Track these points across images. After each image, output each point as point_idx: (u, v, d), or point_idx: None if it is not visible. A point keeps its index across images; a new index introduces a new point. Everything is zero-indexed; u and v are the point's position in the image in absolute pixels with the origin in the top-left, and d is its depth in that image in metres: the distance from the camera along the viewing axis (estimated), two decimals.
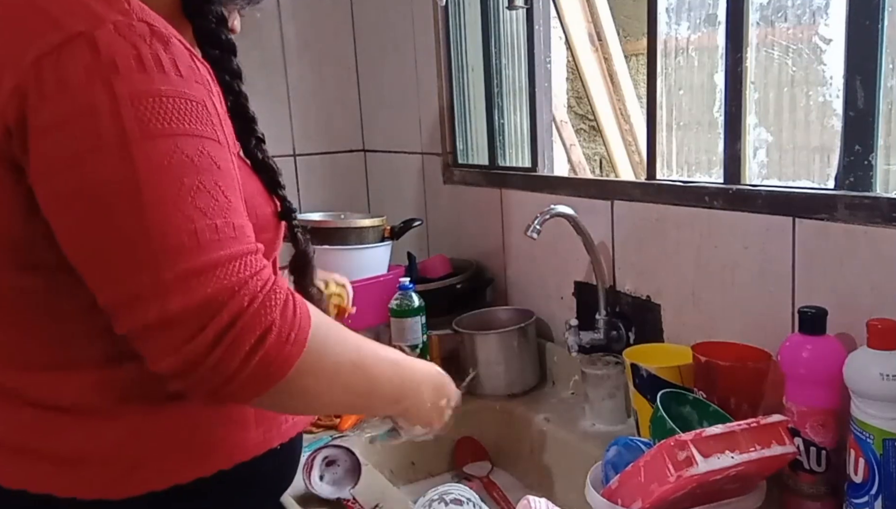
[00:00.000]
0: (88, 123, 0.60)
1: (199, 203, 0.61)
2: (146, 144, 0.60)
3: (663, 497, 0.81)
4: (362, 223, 1.68)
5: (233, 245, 0.63)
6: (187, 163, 0.62)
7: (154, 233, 0.60)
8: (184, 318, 0.60)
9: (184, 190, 0.61)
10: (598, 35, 2.41)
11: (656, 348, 1.22)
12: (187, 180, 0.61)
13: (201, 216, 0.61)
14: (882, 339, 0.83)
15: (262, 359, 0.62)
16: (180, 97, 0.63)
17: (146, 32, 0.63)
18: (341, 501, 1.07)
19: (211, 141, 0.64)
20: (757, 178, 1.13)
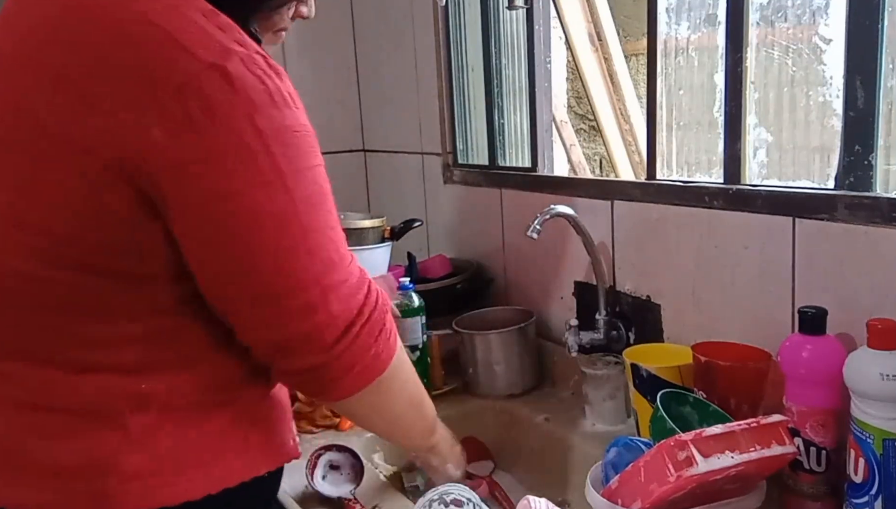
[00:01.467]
0: (247, 158, 0.65)
1: (332, 222, 0.73)
2: (295, 179, 0.68)
3: (663, 497, 0.81)
4: (362, 224, 1.68)
5: (353, 258, 0.75)
6: (322, 191, 0.72)
7: (315, 252, 0.70)
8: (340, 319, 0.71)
9: (324, 214, 0.71)
10: (598, 35, 2.42)
11: (656, 348, 1.22)
12: (324, 206, 0.72)
13: (337, 235, 0.73)
14: (882, 339, 0.83)
15: (376, 352, 0.75)
16: (303, 130, 0.70)
17: (265, 65, 0.68)
18: (342, 500, 1.07)
19: (322, 167, 0.73)
20: (757, 178, 1.13)
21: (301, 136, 0.69)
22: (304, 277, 0.69)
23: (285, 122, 0.67)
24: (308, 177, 0.70)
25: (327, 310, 0.70)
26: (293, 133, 0.68)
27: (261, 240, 0.68)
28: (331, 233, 0.72)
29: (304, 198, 0.69)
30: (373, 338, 0.74)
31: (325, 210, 0.72)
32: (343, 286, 0.72)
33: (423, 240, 1.94)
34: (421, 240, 1.94)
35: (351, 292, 0.73)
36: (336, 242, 0.72)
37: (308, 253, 0.69)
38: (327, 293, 0.70)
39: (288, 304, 0.70)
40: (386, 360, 0.77)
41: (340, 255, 0.72)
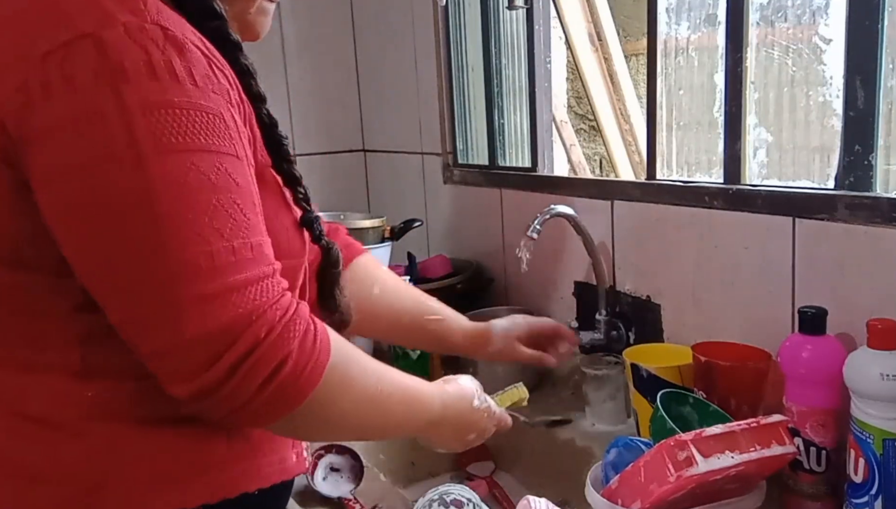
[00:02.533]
0: (98, 130, 0.57)
1: (216, 223, 0.59)
2: (160, 159, 0.58)
3: (663, 497, 0.81)
4: (362, 224, 1.68)
5: (251, 267, 0.61)
6: (203, 181, 0.59)
7: (169, 253, 0.58)
8: (199, 345, 0.58)
9: (200, 209, 0.59)
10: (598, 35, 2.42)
11: (656, 348, 1.22)
12: (203, 199, 0.59)
13: (218, 237, 0.59)
14: (882, 339, 0.83)
15: (276, 389, 0.61)
16: (195, 109, 0.60)
17: (159, 36, 0.59)
18: (342, 500, 1.07)
19: (229, 156, 0.62)
20: (757, 178, 1.13)
21: (188, 115, 0.59)
22: (147, 279, 0.58)
23: (166, 96, 0.58)
24: (182, 162, 0.58)
25: (176, 326, 0.58)
26: (175, 110, 0.58)
27: (105, 227, 0.58)
28: (207, 234, 0.58)
29: (168, 185, 0.57)
30: (261, 376, 0.60)
31: (205, 203, 0.59)
32: (208, 302, 0.58)
33: (423, 240, 1.94)
34: (421, 240, 1.94)
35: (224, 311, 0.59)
36: (213, 246, 0.59)
37: (159, 251, 0.57)
38: (178, 305, 0.58)
39: (129, 311, 0.60)
40: (294, 399, 0.63)
41: (216, 264, 0.59)
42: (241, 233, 0.61)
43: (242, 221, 0.61)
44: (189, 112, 0.59)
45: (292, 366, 0.62)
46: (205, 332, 0.58)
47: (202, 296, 0.58)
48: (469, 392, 0.92)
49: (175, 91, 0.59)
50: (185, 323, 0.58)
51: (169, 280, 0.58)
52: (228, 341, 0.59)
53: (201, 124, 0.60)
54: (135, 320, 0.60)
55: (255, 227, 0.63)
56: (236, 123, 0.64)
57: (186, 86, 0.59)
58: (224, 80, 0.64)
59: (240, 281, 0.60)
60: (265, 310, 0.61)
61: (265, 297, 0.61)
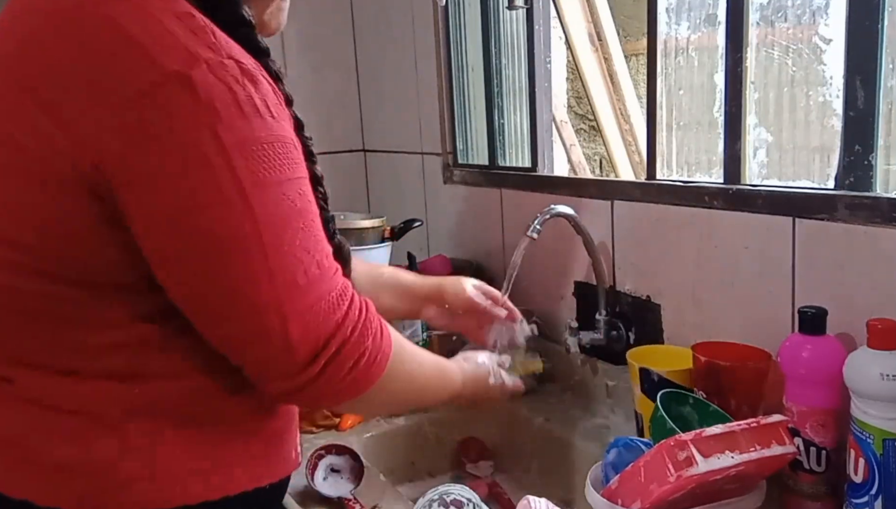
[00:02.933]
0: (205, 175, 0.62)
1: (306, 243, 0.67)
2: (259, 194, 0.63)
3: (663, 497, 0.81)
4: (362, 224, 1.68)
5: (333, 278, 0.70)
6: (293, 208, 0.66)
7: (275, 277, 0.65)
8: (302, 348, 0.67)
9: (293, 233, 0.66)
10: (598, 35, 2.42)
11: (657, 349, 1.21)
12: (294, 224, 0.66)
13: (308, 256, 0.67)
14: (882, 339, 0.83)
15: (353, 379, 0.71)
16: (277, 141, 0.65)
17: (237, 72, 0.63)
18: (342, 500, 1.07)
19: (303, 180, 0.69)
20: (757, 178, 1.13)
21: (273, 148, 0.65)
22: (260, 301, 0.65)
23: (254, 133, 0.63)
24: (276, 194, 0.65)
25: (285, 337, 0.66)
26: (263, 145, 0.64)
27: (217, 261, 0.64)
28: (300, 255, 0.66)
29: (269, 217, 0.64)
30: (345, 369, 0.70)
31: (295, 228, 0.66)
32: (308, 312, 0.67)
33: (423, 240, 1.94)
34: (421, 240, 1.94)
35: (319, 319, 0.67)
36: (305, 264, 0.67)
37: (268, 276, 0.65)
38: (287, 319, 0.66)
39: (242, 328, 0.67)
40: (365, 386, 0.73)
41: (309, 279, 0.67)
42: (320, 248, 0.69)
43: (320, 237, 0.70)
44: (273, 145, 0.65)
45: (367, 358, 0.71)
46: (307, 339, 0.67)
47: (304, 308, 0.67)
48: (484, 370, 1.03)
49: (260, 126, 0.64)
50: (291, 333, 0.66)
51: (278, 298, 0.65)
52: (324, 343, 0.68)
53: (283, 155, 0.66)
54: (243, 336, 0.67)
55: (325, 240, 0.71)
56: (298, 146, 0.69)
57: (267, 120, 0.65)
58: (283, 102, 0.69)
59: (327, 290, 0.69)
60: (347, 313, 0.70)
61: (346, 302, 0.70)
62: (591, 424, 1.31)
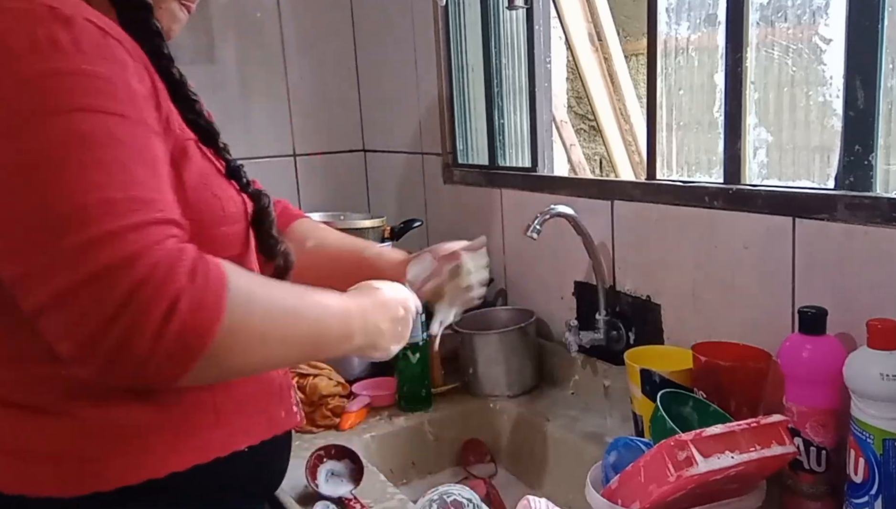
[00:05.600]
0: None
1: (95, 178, 0.60)
2: (40, 122, 0.60)
3: (663, 497, 0.81)
4: (362, 224, 1.68)
5: (130, 216, 0.60)
6: (83, 139, 0.60)
7: (45, 209, 0.58)
8: (74, 295, 0.57)
9: (77, 165, 0.59)
10: (598, 35, 2.42)
11: (654, 350, 1.22)
12: (82, 156, 0.60)
13: (95, 189, 0.59)
14: (882, 339, 0.83)
15: (175, 333, 0.58)
16: (78, 73, 0.62)
17: (45, 15, 0.63)
18: (342, 500, 1.07)
19: (115, 116, 0.63)
20: (757, 178, 1.13)
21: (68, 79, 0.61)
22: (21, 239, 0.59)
23: (46, 64, 0.61)
24: (62, 122, 0.60)
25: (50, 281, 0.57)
26: (55, 76, 0.61)
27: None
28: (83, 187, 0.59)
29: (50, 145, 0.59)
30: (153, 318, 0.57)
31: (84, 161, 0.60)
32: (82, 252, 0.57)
33: (423, 240, 1.94)
34: (421, 240, 1.94)
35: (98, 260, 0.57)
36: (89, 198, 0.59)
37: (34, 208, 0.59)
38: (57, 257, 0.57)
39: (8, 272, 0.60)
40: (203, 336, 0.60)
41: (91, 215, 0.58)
42: (123, 187, 0.60)
43: (125, 177, 0.61)
44: (71, 76, 0.62)
45: (187, 302, 0.59)
46: (78, 280, 0.57)
47: (75, 245, 0.57)
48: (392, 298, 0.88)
49: (58, 59, 0.62)
50: (58, 273, 0.57)
51: (44, 235, 0.58)
52: (105, 286, 0.57)
53: (85, 86, 0.62)
54: (16, 280, 0.60)
55: (141, 183, 0.62)
56: (131, 89, 0.66)
57: (70, 53, 0.62)
58: (121, 50, 0.67)
59: (117, 228, 0.58)
60: (143, 251, 0.59)
61: (146, 240, 0.59)
62: (592, 424, 1.31)
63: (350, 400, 1.40)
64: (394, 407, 1.42)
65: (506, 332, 1.44)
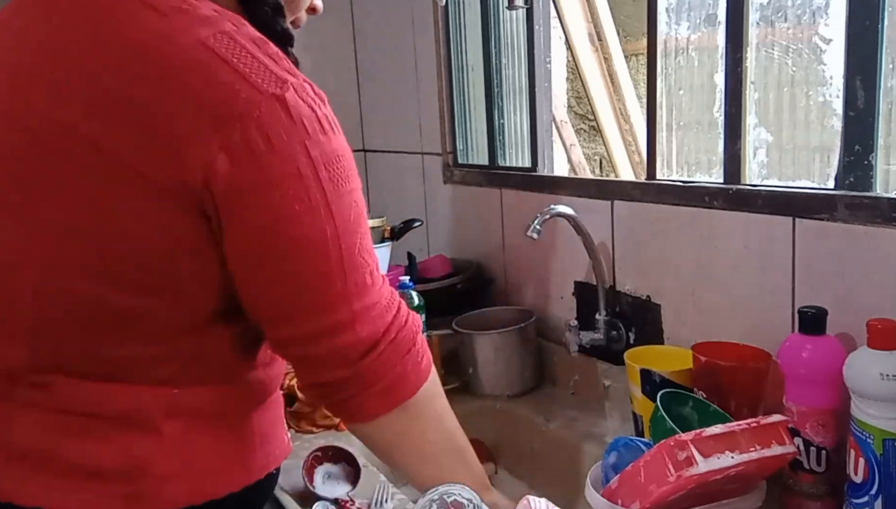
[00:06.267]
0: (299, 185, 0.68)
1: (367, 245, 0.75)
2: (338, 202, 0.70)
3: (663, 497, 0.81)
4: None
5: (385, 281, 0.78)
6: (359, 214, 0.74)
7: (349, 276, 0.72)
8: (366, 341, 0.75)
9: (359, 237, 0.73)
10: (598, 35, 2.42)
11: (654, 350, 1.21)
12: (361, 229, 0.74)
13: (371, 257, 0.75)
14: (882, 339, 0.83)
15: (401, 371, 0.77)
16: (345, 155, 0.72)
17: (313, 93, 0.71)
18: (339, 501, 1.07)
19: (359, 190, 0.75)
20: (757, 178, 1.13)
21: (343, 161, 0.72)
22: (337, 300, 0.72)
23: (331, 148, 0.70)
24: (348, 201, 0.72)
25: (354, 330, 0.74)
26: (337, 158, 0.71)
27: (303, 264, 0.71)
28: (365, 257, 0.74)
29: (344, 223, 0.71)
30: (398, 355, 0.77)
31: (361, 233, 0.74)
32: (372, 309, 0.75)
33: (423, 240, 1.94)
34: (421, 240, 1.94)
35: (379, 314, 0.76)
36: (370, 266, 0.75)
37: (343, 276, 0.72)
38: (357, 315, 0.74)
39: (319, 324, 0.73)
40: (414, 383, 0.79)
41: (373, 279, 0.75)
42: (374, 253, 0.77)
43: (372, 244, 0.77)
44: (341, 158, 0.72)
45: (415, 352, 0.79)
46: (371, 330, 0.75)
47: (370, 305, 0.75)
48: None
49: (334, 141, 0.71)
50: (358, 325, 0.74)
51: (350, 295, 0.73)
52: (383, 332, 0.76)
53: (349, 166, 0.73)
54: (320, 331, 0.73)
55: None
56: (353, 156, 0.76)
57: (337, 135, 0.72)
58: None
59: (384, 291, 0.77)
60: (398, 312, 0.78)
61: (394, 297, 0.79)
62: (591, 424, 1.31)
63: None
64: None
65: (506, 332, 1.44)
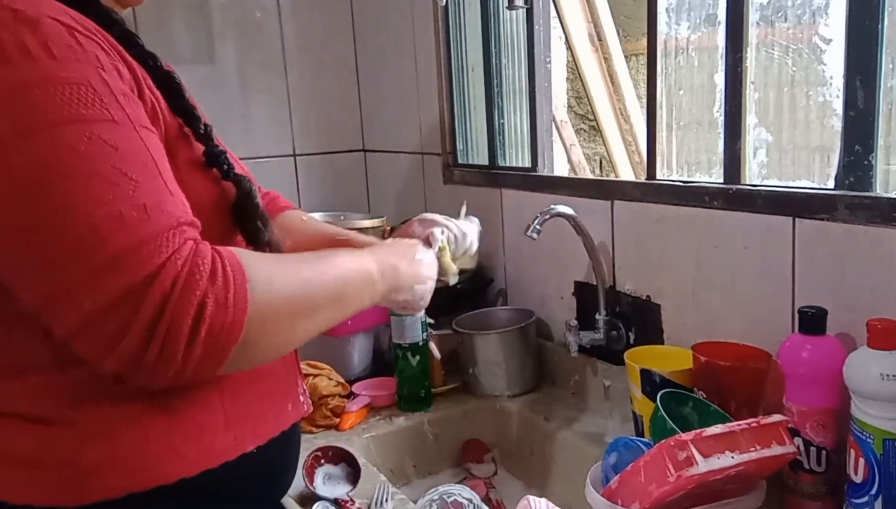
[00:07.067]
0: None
1: (95, 193, 0.57)
2: (21, 143, 0.57)
3: (663, 497, 0.81)
4: (362, 224, 1.68)
5: (143, 228, 0.58)
6: (73, 153, 0.57)
7: (56, 234, 0.56)
8: (103, 318, 0.57)
9: (74, 183, 0.57)
10: (598, 35, 2.42)
11: (653, 350, 1.21)
12: (77, 171, 0.57)
13: (99, 206, 0.57)
14: (882, 339, 0.83)
15: (206, 336, 0.59)
16: (53, 82, 0.58)
17: (8, 18, 0.59)
18: (339, 502, 1.07)
19: (102, 122, 0.60)
20: (757, 178, 1.13)
21: (47, 90, 0.58)
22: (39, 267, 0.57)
23: (19, 77, 0.57)
24: (44, 140, 0.57)
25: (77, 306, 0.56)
26: (32, 87, 0.57)
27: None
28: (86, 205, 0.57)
29: (37, 167, 0.57)
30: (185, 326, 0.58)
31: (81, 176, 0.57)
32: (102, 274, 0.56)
33: None
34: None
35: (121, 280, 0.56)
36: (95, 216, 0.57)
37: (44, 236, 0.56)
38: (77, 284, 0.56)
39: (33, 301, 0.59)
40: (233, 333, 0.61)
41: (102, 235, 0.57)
42: (127, 198, 0.59)
43: (128, 185, 0.59)
44: (46, 87, 0.58)
45: (213, 304, 0.59)
46: (104, 303, 0.56)
47: (93, 268, 0.56)
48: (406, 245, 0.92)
49: (29, 69, 0.58)
50: (83, 298, 0.56)
51: (60, 261, 0.57)
52: (133, 305, 0.57)
53: (62, 96, 0.58)
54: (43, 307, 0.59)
55: (147, 189, 0.60)
56: (111, 87, 0.62)
57: (42, 61, 0.58)
58: (94, 46, 0.63)
59: (131, 244, 0.57)
60: (164, 263, 0.58)
61: (162, 251, 0.58)
62: (592, 424, 1.31)
63: (350, 400, 1.40)
64: (394, 407, 1.42)
65: (506, 332, 1.44)
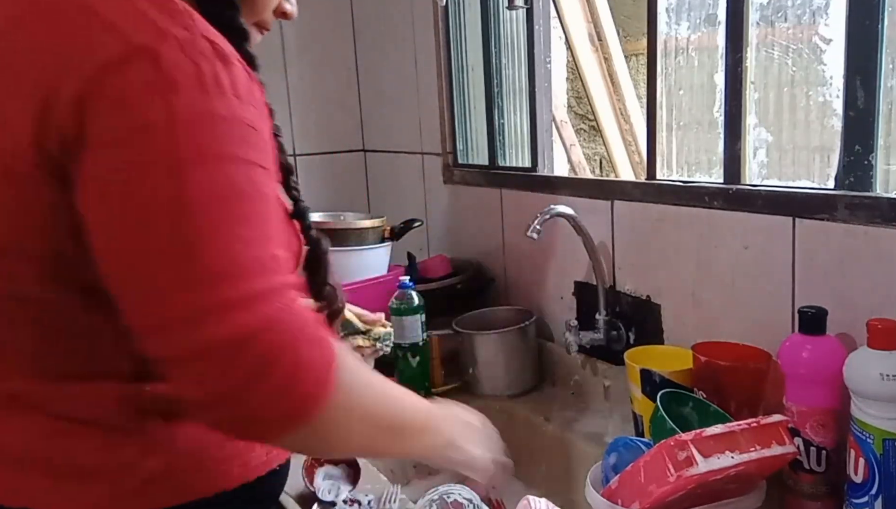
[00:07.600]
0: (142, 140, 0.57)
1: (244, 232, 0.60)
2: (198, 167, 0.58)
3: (663, 497, 0.81)
4: (362, 224, 1.68)
5: (272, 278, 0.61)
6: (236, 191, 0.60)
7: (196, 259, 0.58)
8: (214, 350, 0.57)
9: (230, 217, 0.59)
10: (598, 35, 2.42)
11: (653, 350, 1.21)
12: (234, 208, 0.60)
13: (244, 247, 0.59)
14: (882, 339, 0.83)
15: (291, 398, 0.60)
16: (236, 121, 0.61)
17: (208, 50, 0.61)
18: (339, 502, 1.07)
19: (260, 168, 0.62)
20: (757, 178, 1.13)
21: (229, 126, 0.60)
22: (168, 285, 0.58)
23: (210, 107, 0.59)
24: (219, 170, 0.59)
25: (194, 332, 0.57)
26: (216, 120, 0.60)
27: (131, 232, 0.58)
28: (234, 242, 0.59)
29: (204, 192, 0.58)
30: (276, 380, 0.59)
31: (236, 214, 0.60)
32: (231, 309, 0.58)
33: (423, 240, 1.94)
34: (421, 240, 1.94)
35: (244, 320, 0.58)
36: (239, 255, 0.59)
37: (185, 256, 0.58)
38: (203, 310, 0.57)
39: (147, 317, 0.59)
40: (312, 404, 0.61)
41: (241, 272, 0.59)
42: (264, 244, 0.61)
43: (266, 232, 0.62)
44: (230, 123, 0.60)
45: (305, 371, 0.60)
46: (222, 336, 0.57)
47: (223, 302, 0.58)
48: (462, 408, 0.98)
49: (220, 104, 0.60)
50: (205, 326, 0.57)
51: (194, 284, 0.58)
52: (247, 349, 0.58)
53: (239, 135, 0.61)
54: (156, 325, 0.59)
55: (278, 240, 0.63)
56: (269, 138, 0.65)
57: (230, 98, 0.61)
58: (259, 92, 0.65)
59: (261, 289, 0.59)
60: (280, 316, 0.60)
61: (284, 306, 0.61)
62: (591, 424, 1.31)
63: None
64: None
65: (506, 332, 1.44)
